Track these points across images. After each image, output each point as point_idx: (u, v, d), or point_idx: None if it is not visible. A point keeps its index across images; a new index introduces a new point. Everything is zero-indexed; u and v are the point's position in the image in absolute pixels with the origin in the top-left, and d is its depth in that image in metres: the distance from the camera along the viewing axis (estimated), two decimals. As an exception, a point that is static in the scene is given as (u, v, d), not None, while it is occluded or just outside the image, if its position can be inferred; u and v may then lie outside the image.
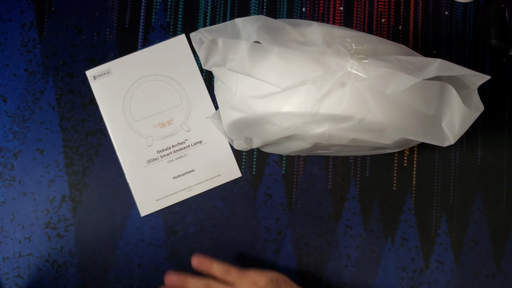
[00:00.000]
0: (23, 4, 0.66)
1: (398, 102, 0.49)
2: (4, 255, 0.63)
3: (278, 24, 0.52)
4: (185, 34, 0.66)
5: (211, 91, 0.65)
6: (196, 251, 0.63)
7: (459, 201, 0.65)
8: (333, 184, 0.65)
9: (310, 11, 0.67)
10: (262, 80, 0.50)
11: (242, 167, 0.65)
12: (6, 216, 0.63)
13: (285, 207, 0.64)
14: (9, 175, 0.64)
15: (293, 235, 0.64)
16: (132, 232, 0.63)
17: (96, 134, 0.64)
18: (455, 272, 0.64)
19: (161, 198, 0.64)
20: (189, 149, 0.64)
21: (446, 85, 0.51)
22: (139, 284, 0.63)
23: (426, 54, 0.67)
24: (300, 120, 0.50)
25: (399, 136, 0.51)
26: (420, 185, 0.65)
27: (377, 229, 0.64)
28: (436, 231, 0.65)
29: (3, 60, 0.65)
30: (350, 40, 0.50)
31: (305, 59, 0.49)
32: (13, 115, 0.64)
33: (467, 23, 0.67)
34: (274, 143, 0.58)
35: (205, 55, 0.52)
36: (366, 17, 0.67)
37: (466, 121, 0.52)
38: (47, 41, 0.65)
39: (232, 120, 0.54)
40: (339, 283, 0.64)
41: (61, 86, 0.65)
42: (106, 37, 0.66)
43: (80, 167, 0.64)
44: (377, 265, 0.64)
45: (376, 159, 0.65)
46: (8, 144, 0.64)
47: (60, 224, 0.63)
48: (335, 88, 0.48)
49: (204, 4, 0.67)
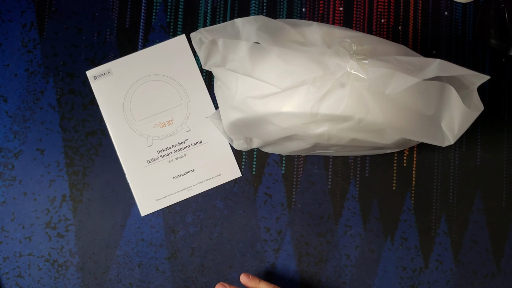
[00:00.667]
0: (23, 4, 0.66)
1: (397, 102, 0.49)
2: (4, 254, 0.63)
3: (277, 24, 0.52)
4: (185, 35, 0.66)
5: (211, 91, 0.65)
6: (196, 251, 0.63)
7: (459, 201, 0.65)
8: (333, 184, 0.65)
9: (310, 11, 0.67)
10: (262, 81, 0.50)
11: (242, 167, 0.65)
12: (6, 216, 0.63)
13: (285, 207, 0.64)
14: (10, 175, 0.64)
15: (293, 234, 0.64)
16: (132, 232, 0.64)
17: (97, 134, 0.64)
18: (454, 272, 0.64)
19: (161, 198, 0.64)
20: (189, 149, 0.64)
21: (446, 85, 0.51)
22: (139, 283, 0.63)
23: (426, 54, 0.67)
24: (300, 120, 0.50)
25: (398, 136, 0.51)
26: (420, 185, 0.65)
27: (376, 229, 0.64)
28: (435, 231, 0.65)
29: (4, 60, 0.65)
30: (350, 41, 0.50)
31: (304, 59, 0.49)
32: (13, 115, 0.65)
33: (466, 24, 0.67)
34: (274, 143, 0.58)
35: (205, 55, 0.52)
36: (365, 18, 0.67)
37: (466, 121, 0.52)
38: (47, 41, 0.66)
39: (232, 120, 0.54)
40: (339, 283, 0.64)
41: (62, 86, 0.65)
42: (107, 37, 0.66)
43: (81, 167, 0.64)
44: (376, 264, 0.64)
45: (376, 159, 0.65)
46: (9, 144, 0.64)
47: (61, 224, 0.63)
48: (335, 89, 0.48)
49: (204, 5, 0.67)
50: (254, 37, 0.50)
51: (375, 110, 0.49)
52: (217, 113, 0.62)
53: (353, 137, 0.51)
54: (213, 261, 0.64)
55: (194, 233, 0.64)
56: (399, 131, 0.50)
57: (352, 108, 0.49)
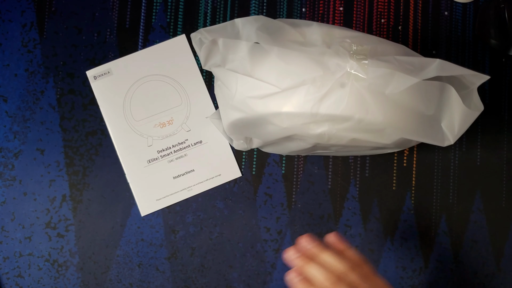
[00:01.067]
0: (23, 4, 0.66)
1: (397, 102, 0.49)
2: (4, 254, 0.63)
3: (277, 24, 0.52)
4: (185, 35, 0.66)
5: (211, 91, 0.65)
6: (196, 251, 0.63)
7: (459, 201, 0.65)
8: (333, 184, 0.65)
9: (310, 11, 0.67)
10: (262, 81, 0.50)
11: (242, 167, 0.65)
12: (6, 216, 0.63)
13: (285, 206, 0.64)
14: (10, 175, 0.64)
15: (293, 234, 0.64)
16: (132, 232, 0.64)
17: (97, 134, 0.64)
18: (454, 271, 0.64)
19: (161, 198, 0.64)
20: (189, 149, 0.64)
21: (446, 85, 0.51)
22: (139, 283, 0.63)
23: (426, 54, 0.67)
24: (300, 120, 0.50)
25: (398, 136, 0.51)
26: (420, 185, 0.65)
27: (376, 229, 0.64)
28: (435, 230, 0.65)
29: (4, 60, 0.65)
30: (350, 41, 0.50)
31: (304, 59, 0.49)
32: (13, 115, 0.65)
33: (466, 24, 0.67)
34: (274, 143, 0.58)
35: (205, 55, 0.52)
36: (365, 18, 0.67)
37: (466, 121, 0.52)
38: (47, 41, 0.66)
39: (232, 120, 0.54)
40: (339, 283, 0.64)
41: (62, 86, 0.65)
42: (107, 37, 0.66)
43: (81, 167, 0.64)
44: (376, 264, 0.64)
45: (376, 159, 0.65)
46: (9, 144, 0.64)
47: (61, 224, 0.63)
48: (335, 89, 0.48)
49: (204, 5, 0.67)
50: (254, 37, 0.50)
51: (375, 110, 0.49)
52: (217, 113, 0.62)
53: (353, 137, 0.51)
54: (213, 261, 0.64)
55: (194, 233, 0.64)
56: (399, 131, 0.50)
57: (352, 108, 0.49)
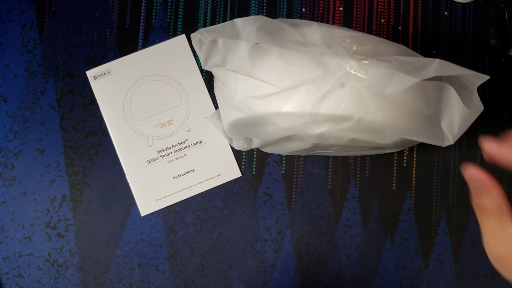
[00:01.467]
0: (23, 4, 0.66)
1: (397, 103, 0.49)
2: (4, 254, 0.63)
3: (277, 25, 0.52)
4: (185, 35, 0.66)
5: (211, 91, 0.65)
6: (196, 251, 0.63)
7: (459, 201, 0.65)
8: (332, 184, 0.65)
9: (310, 11, 0.67)
10: (261, 81, 0.50)
11: (242, 167, 0.65)
12: (6, 216, 0.63)
13: (285, 207, 0.64)
14: (10, 175, 0.64)
15: (293, 234, 0.64)
16: (132, 232, 0.64)
17: (97, 134, 0.64)
18: (454, 271, 0.64)
19: (161, 198, 0.64)
20: (189, 149, 0.64)
21: (446, 85, 0.51)
22: (139, 283, 0.63)
23: (426, 54, 0.67)
24: (300, 120, 0.50)
25: (398, 136, 0.51)
26: (420, 185, 0.65)
27: (376, 229, 0.64)
28: (435, 231, 0.65)
29: (4, 60, 0.65)
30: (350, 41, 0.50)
31: (304, 59, 0.49)
32: (13, 115, 0.65)
33: (466, 24, 0.67)
34: (274, 143, 0.58)
35: (205, 55, 0.52)
36: (365, 18, 0.67)
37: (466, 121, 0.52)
38: (47, 41, 0.66)
39: (232, 120, 0.54)
40: (339, 283, 0.64)
41: (62, 86, 0.65)
42: (107, 37, 0.66)
43: (81, 167, 0.64)
44: (376, 264, 0.64)
45: (376, 159, 0.65)
46: (9, 144, 0.64)
47: (61, 224, 0.63)
48: (335, 89, 0.48)
49: (204, 5, 0.67)
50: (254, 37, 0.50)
51: (374, 110, 0.49)
52: (217, 113, 0.62)
53: (353, 137, 0.51)
54: (213, 261, 0.64)
55: (194, 233, 0.64)
56: (399, 131, 0.50)
57: (352, 108, 0.49)
